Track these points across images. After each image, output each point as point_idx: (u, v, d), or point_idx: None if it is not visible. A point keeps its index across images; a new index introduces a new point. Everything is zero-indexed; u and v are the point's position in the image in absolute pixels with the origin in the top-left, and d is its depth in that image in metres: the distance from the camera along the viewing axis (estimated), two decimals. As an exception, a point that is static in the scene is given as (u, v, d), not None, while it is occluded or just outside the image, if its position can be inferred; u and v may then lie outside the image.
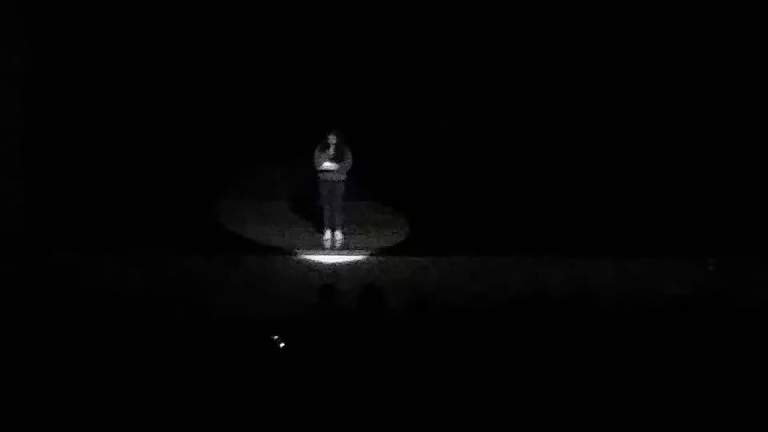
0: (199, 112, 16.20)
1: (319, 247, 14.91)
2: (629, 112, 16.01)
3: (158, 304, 9.61)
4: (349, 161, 14.85)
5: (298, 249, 14.82)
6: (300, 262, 14.45)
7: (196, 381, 8.84)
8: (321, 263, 14.39)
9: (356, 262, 14.42)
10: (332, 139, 14.83)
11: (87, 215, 15.05)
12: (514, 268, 13.64)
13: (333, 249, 14.91)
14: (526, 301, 9.88)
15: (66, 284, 10.42)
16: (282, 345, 9.31)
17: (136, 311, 9.46)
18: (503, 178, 15.83)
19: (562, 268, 13.61)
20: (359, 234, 15.27)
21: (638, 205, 15.50)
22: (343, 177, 14.86)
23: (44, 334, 9.12)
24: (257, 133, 16.19)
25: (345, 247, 14.89)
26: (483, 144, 16.06)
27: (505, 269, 13.63)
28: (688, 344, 9.30)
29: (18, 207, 14.86)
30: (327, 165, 14.83)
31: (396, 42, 16.14)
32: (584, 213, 15.23)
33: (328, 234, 15.06)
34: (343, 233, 15.05)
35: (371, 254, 14.69)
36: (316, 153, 14.88)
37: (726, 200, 15.39)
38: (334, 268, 14.19)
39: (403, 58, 16.19)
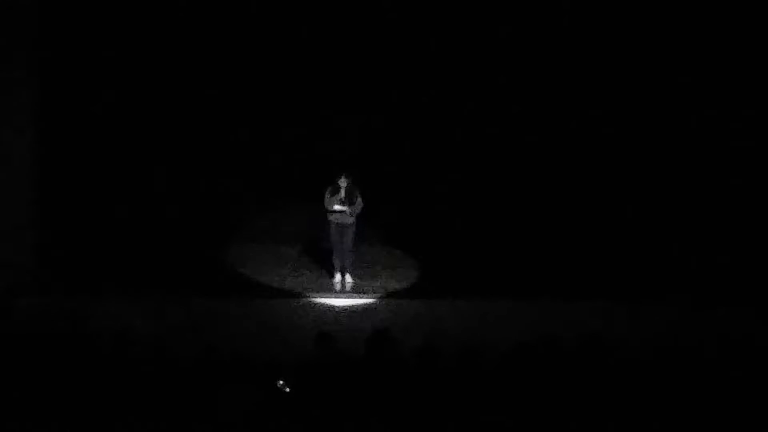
0: (210, 154, 16.37)
1: (330, 291, 14.87)
2: (634, 159, 16.25)
3: (166, 347, 9.57)
4: (359, 204, 14.83)
5: (308, 292, 14.78)
6: (310, 305, 14.40)
7: (200, 423, 8.81)
8: (331, 306, 14.32)
9: (366, 306, 14.37)
10: (343, 182, 14.83)
11: (96, 258, 15.15)
12: (525, 312, 13.58)
13: (343, 292, 14.88)
14: (538, 346, 9.84)
15: (75, 327, 10.42)
16: (288, 390, 9.25)
17: (144, 353, 9.44)
18: (514, 222, 15.98)
19: (573, 312, 13.52)
20: (369, 277, 15.29)
21: (646, 250, 15.61)
22: (353, 220, 14.87)
23: (53, 376, 9.09)
24: (266, 175, 16.38)
25: (355, 291, 14.87)
26: (493, 189, 16.28)
27: (515, 313, 13.57)
28: (696, 390, 9.30)
29: (28, 250, 14.91)
30: (337, 208, 14.81)
31: (403, 87, 16.40)
32: (593, 257, 15.34)
33: (338, 277, 15.09)
34: (353, 276, 15.07)
35: (381, 297, 14.64)
36: (327, 196, 14.86)
37: (729, 251, 15.46)
38: (344, 311, 14.14)
39: (413, 106, 16.47)
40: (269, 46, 16.15)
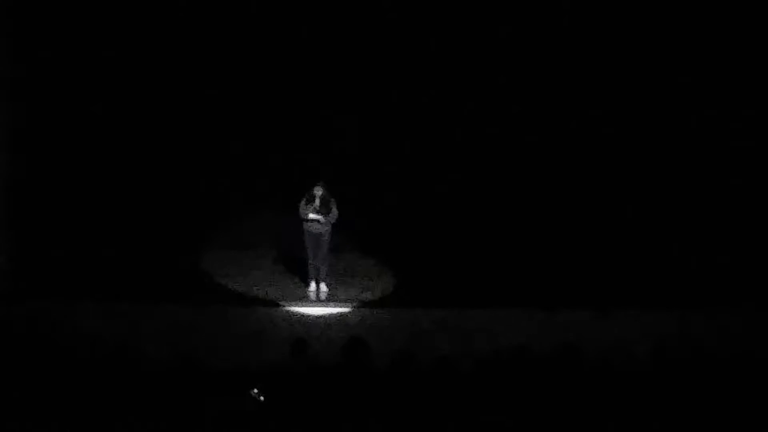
0: (186, 162, 16.30)
1: (305, 299, 14.81)
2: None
3: (140, 355, 9.63)
4: (334, 212, 14.71)
5: (283, 301, 14.71)
6: (285, 313, 14.35)
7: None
8: (306, 315, 14.29)
9: (341, 314, 14.32)
10: (318, 191, 14.70)
11: (70, 265, 15.06)
12: (500, 321, 13.54)
13: (318, 301, 14.80)
14: (512, 355, 9.87)
15: (48, 333, 10.47)
16: (262, 398, 9.32)
17: (117, 361, 9.50)
18: (487, 231, 15.90)
19: (547, 320, 13.55)
20: (344, 286, 15.23)
21: (616, 257, 15.54)
22: (328, 228, 14.75)
23: (26, 382, 9.18)
24: (242, 183, 16.33)
25: (330, 299, 14.80)
26: (468, 198, 16.23)
27: (490, 321, 13.53)
28: (668, 395, 9.32)
29: (2, 256, 14.96)
30: (313, 216, 14.70)
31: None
32: (566, 266, 15.26)
33: (313, 286, 14.98)
34: (328, 285, 14.98)
35: (356, 306, 14.59)
36: (302, 204, 14.74)
37: (699, 253, 15.49)
38: (319, 320, 14.08)
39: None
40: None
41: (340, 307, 14.53)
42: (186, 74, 16.09)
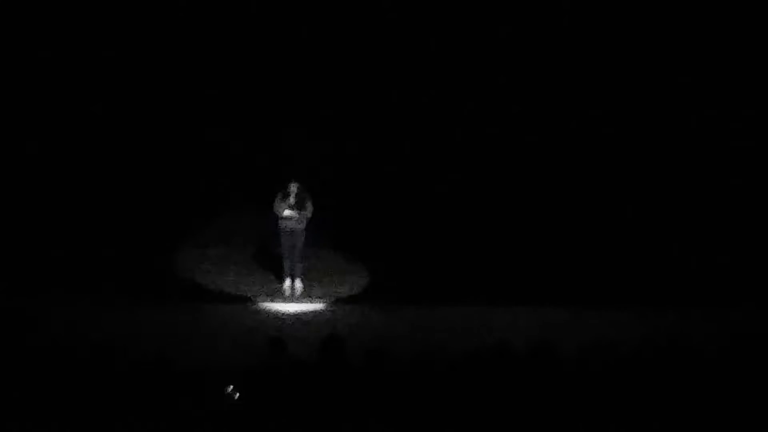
0: (160, 159, 16.40)
1: (279, 296, 14.68)
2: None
3: (117, 354, 9.68)
4: (309, 210, 14.60)
5: (258, 298, 14.64)
6: (259, 310, 14.29)
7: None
8: (281, 312, 14.21)
9: (316, 311, 14.26)
10: (293, 188, 14.53)
11: (45, 264, 14.90)
12: (474, 318, 13.47)
13: (293, 298, 14.66)
14: (488, 352, 9.89)
15: (23, 333, 10.50)
16: (237, 396, 9.37)
17: (95, 360, 9.56)
18: (462, 228, 15.84)
19: (522, 318, 13.47)
20: (319, 283, 15.07)
21: (595, 256, 15.48)
22: (303, 225, 14.59)
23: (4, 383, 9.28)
24: (217, 180, 16.41)
25: (305, 296, 14.68)
26: (442, 194, 16.21)
27: (464, 319, 13.47)
28: (650, 393, 9.32)
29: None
30: (287, 213, 14.55)
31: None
32: (541, 263, 15.20)
33: (287, 282, 14.82)
34: (303, 282, 14.86)
35: (331, 303, 14.52)
36: (277, 201, 14.57)
37: (682, 252, 15.36)
38: (294, 316, 14.05)
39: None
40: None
41: (315, 304, 14.48)
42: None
